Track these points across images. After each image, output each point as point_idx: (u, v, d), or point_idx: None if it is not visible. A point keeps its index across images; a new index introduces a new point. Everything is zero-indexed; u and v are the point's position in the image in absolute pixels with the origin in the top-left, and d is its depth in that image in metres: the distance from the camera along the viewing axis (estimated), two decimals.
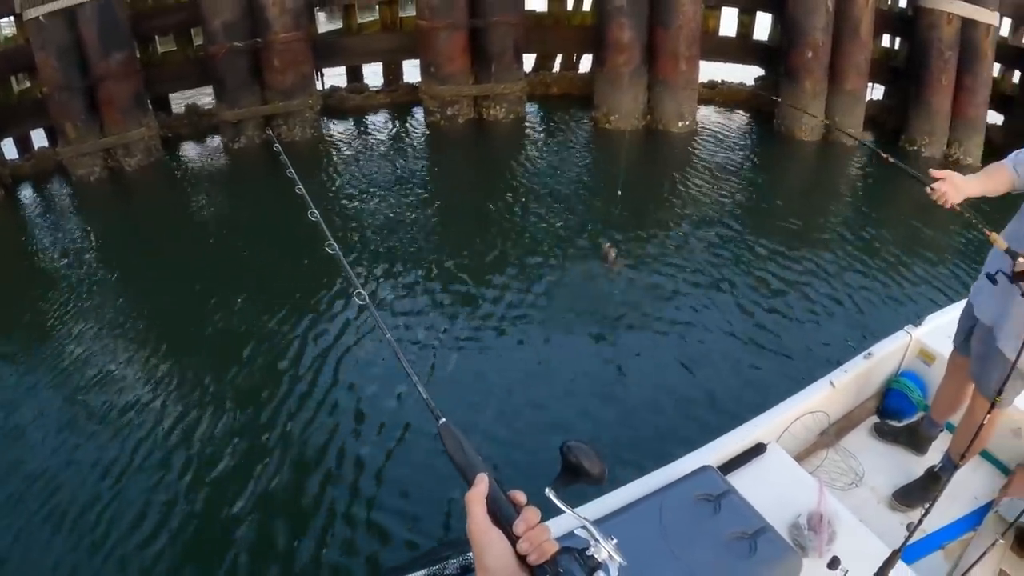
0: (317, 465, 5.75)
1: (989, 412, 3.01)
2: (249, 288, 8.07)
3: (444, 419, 1.66)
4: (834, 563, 3.28)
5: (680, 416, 6.26)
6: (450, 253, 8.78)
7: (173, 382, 6.77)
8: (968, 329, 4.42)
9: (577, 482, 1.64)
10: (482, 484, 1.52)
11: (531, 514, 1.49)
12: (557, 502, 1.61)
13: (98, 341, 7.49)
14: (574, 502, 1.57)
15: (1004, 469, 5.03)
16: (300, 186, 2.73)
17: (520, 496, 1.54)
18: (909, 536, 2.88)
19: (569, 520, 1.56)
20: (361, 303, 2.00)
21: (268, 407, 6.34)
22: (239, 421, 6.21)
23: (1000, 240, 3.76)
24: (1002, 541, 3.91)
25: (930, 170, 3.94)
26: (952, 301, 5.99)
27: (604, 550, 1.54)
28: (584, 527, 1.59)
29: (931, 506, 2.96)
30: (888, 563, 2.91)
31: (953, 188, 3.83)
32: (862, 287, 8.44)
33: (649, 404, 6.43)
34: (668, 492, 3.55)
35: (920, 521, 2.87)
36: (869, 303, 8.19)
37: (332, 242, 2.34)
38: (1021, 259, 3.75)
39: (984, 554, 3.03)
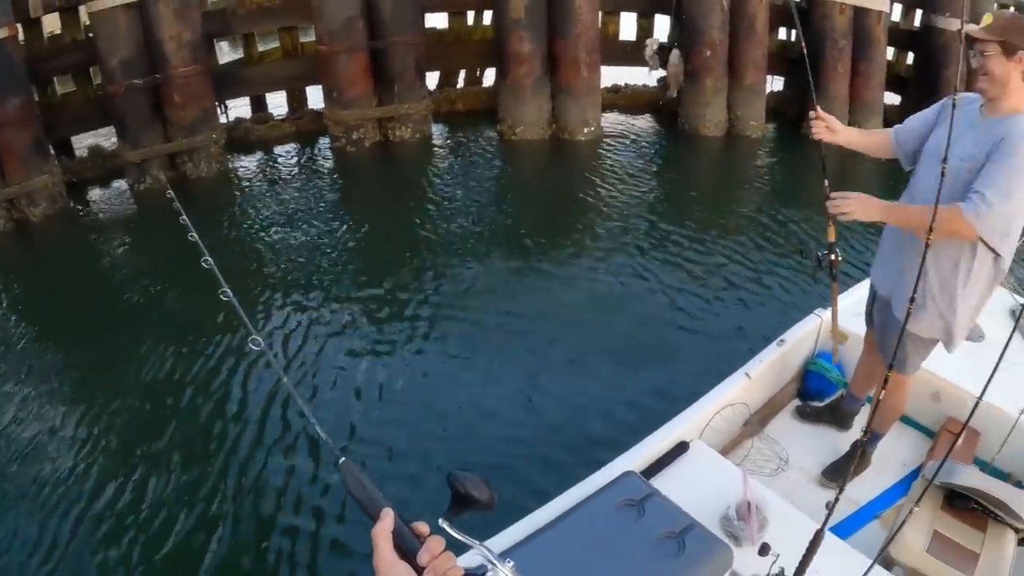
0: (217, 516, 5.58)
1: (885, 382, 3.05)
2: (152, 339, 7.80)
3: (344, 458, 1.68)
4: (764, 549, 3.31)
5: (603, 422, 6.28)
6: (355, 284, 8.67)
7: (75, 439, 6.53)
8: (871, 304, 4.64)
9: (468, 510, 1.68)
10: (387, 519, 1.55)
11: (435, 544, 1.53)
12: (450, 531, 1.65)
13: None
14: (486, 526, 1.59)
15: (929, 433, 5.17)
16: (193, 232, 2.68)
17: (423, 527, 1.58)
18: (830, 513, 2.91)
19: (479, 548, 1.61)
20: (257, 348, 2.02)
21: (164, 461, 6.12)
22: (132, 477, 5.98)
23: (832, 231, 4.37)
24: (932, 503, 3.98)
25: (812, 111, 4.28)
26: (858, 281, 6.09)
27: (502, 572, 1.64)
28: (479, 552, 1.66)
29: (845, 482, 2.99)
30: (815, 541, 2.94)
31: (828, 129, 4.23)
32: (772, 276, 8.58)
33: (569, 413, 6.44)
34: (592, 502, 3.56)
35: (838, 496, 2.90)
36: (781, 290, 8.32)
37: (226, 288, 2.31)
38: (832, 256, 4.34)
39: (908, 516, 3.07)
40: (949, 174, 3.42)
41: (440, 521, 1.65)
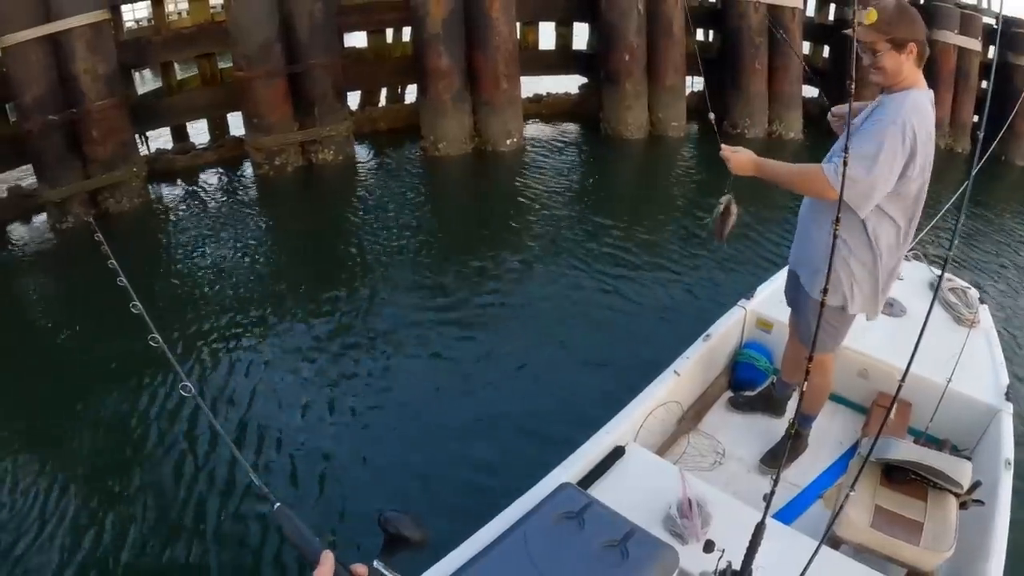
0: (149, 566, 5.36)
1: (809, 361, 3.08)
2: (79, 386, 7.49)
3: (279, 504, 1.69)
4: (709, 546, 3.29)
5: (535, 435, 6.18)
6: (285, 316, 8.46)
7: None
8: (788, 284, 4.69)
9: (401, 550, 1.69)
10: (326, 563, 1.55)
11: None
12: (386, 573, 1.66)
13: None
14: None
15: (861, 409, 5.23)
16: (122, 278, 2.65)
17: (361, 569, 1.60)
18: (769, 501, 2.90)
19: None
20: (188, 395, 2.03)
21: (93, 512, 5.84)
22: (63, 534, 5.68)
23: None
24: (871, 479, 4.00)
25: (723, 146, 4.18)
26: (778, 269, 6.15)
27: None
28: None
29: (780, 469, 2.99)
30: (757, 531, 2.93)
31: (736, 158, 4.12)
32: (698, 270, 8.66)
33: (501, 428, 6.38)
34: (529, 520, 3.48)
35: (775, 485, 2.89)
36: (707, 284, 8.38)
37: (156, 335, 2.29)
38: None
39: (848, 495, 3.07)
40: None
41: (375, 563, 1.65)
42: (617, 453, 4.20)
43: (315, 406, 6.91)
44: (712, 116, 4.88)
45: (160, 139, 13.55)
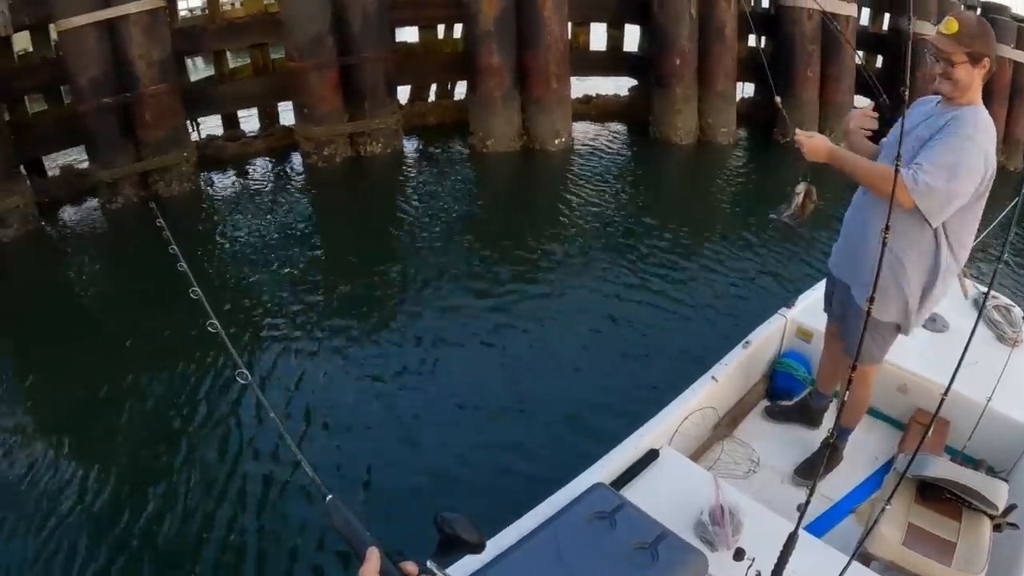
0: (197, 551, 5.37)
1: (853, 371, 3.06)
2: (129, 366, 7.61)
3: (331, 495, 1.66)
4: (739, 554, 3.29)
5: (573, 432, 6.21)
6: (335, 305, 8.51)
7: (49, 470, 6.31)
8: (831, 293, 4.65)
9: (456, 552, 1.66)
10: (373, 559, 1.53)
11: None
12: (439, 573, 1.63)
13: None
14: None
15: (898, 425, 5.18)
16: (183, 263, 2.65)
17: (411, 567, 1.57)
18: (803, 512, 2.90)
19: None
20: (244, 382, 2.00)
21: (145, 499, 5.85)
22: (112, 515, 5.73)
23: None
24: (906, 495, 3.98)
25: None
26: (821, 278, 6.10)
27: None
28: None
29: (816, 481, 2.99)
30: (789, 542, 2.93)
31: (811, 143, 4.07)
32: (741, 278, 8.61)
33: (541, 417, 6.42)
34: (562, 518, 3.50)
35: (810, 496, 2.89)
36: (749, 292, 8.34)
37: (214, 320, 2.30)
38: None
39: (882, 511, 3.07)
40: (903, 158, 3.47)
41: (428, 563, 1.63)
42: (651, 456, 4.20)
43: (363, 395, 6.99)
44: (778, 100, 5.18)
45: (211, 126, 13.71)
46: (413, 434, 6.43)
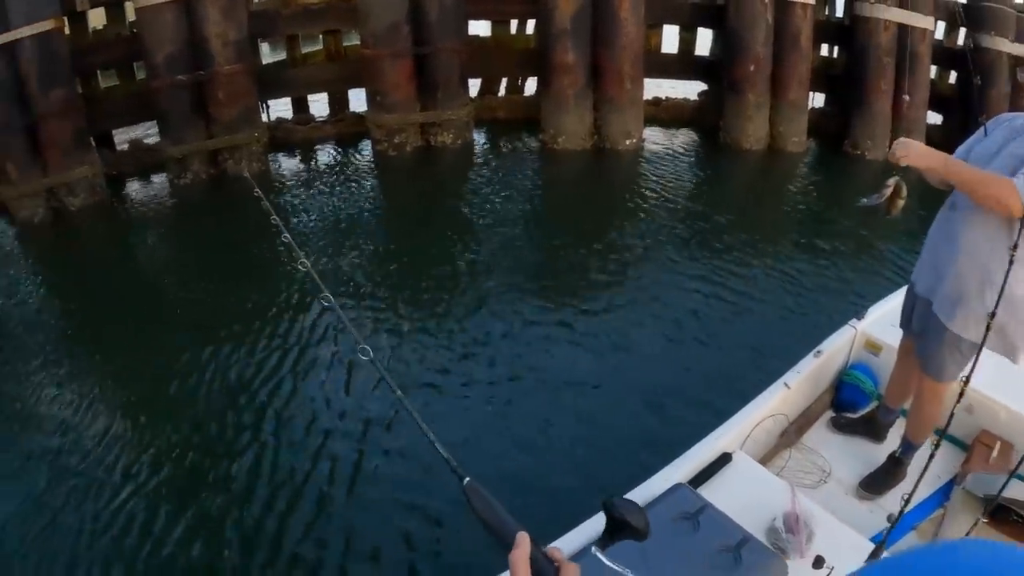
0: (329, 541, 5.34)
1: (922, 388, 3.01)
2: (214, 337, 7.73)
3: (468, 478, 1.61)
4: (819, 562, 3.27)
5: (645, 432, 6.20)
6: (421, 289, 8.59)
7: (139, 443, 6.39)
8: (910, 309, 4.51)
9: (621, 537, 1.63)
10: (524, 545, 1.47)
11: (571, 571, 1.47)
12: (607, 562, 1.62)
13: (45, 389, 7.21)
14: None
15: (962, 445, 5.10)
16: (287, 235, 2.69)
17: (557, 552, 1.51)
18: (892, 525, 2.88)
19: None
20: (366, 358, 1.95)
21: (264, 481, 5.86)
22: (228, 496, 5.75)
23: None
24: (970, 514, 3.94)
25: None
26: (891, 291, 6.02)
27: None
28: None
29: (908, 501, 2.96)
30: (875, 555, 2.90)
31: (917, 145, 3.91)
32: (809, 287, 8.53)
33: (613, 425, 6.37)
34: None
35: (902, 510, 2.86)
36: (816, 303, 8.26)
37: (327, 294, 2.28)
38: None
39: (946, 528, 3.03)
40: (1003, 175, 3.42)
41: (593, 549, 1.62)
42: (724, 459, 4.19)
43: (448, 377, 7.11)
44: (906, 98, 4.69)
45: (281, 109, 13.88)
46: (503, 420, 6.52)
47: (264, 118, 12.64)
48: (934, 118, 13.40)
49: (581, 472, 5.73)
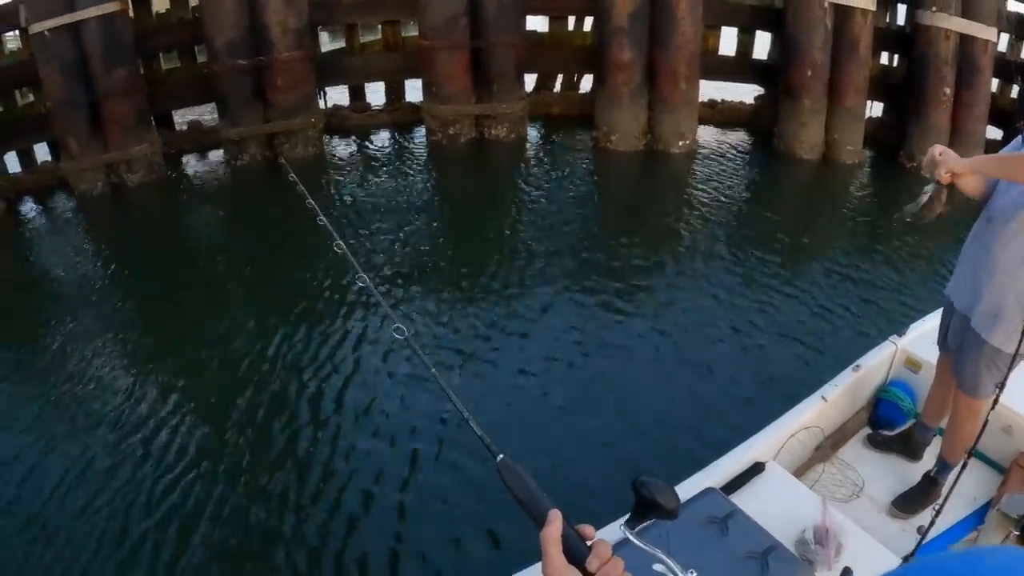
0: (363, 512, 5.44)
1: (963, 403, 3.01)
2: (262, 312, 7.96)
3: (502, 455, 1.59)
4: (846, 573, 3.28)
5: (679, 437, 6.21)
6: (468, 277, 8.67)
7: (188, 407, 6.62)
8: (947, 325, 4.48)
9: (651, 517, 1.64)
10: (556, 522, 1.46)
11: (603, 549, 1.47)
12: (635, 540, 1.64)
13: (97, 356, 7.46)
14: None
15: (998, 467, 5.04)
16: (322, 217, 2.73)
17: (589, 530, 1.52)
18: (922, 539, 2.88)
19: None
20: (400, 337, 1.95)
21: (299, 453, 5.99)
22: (265, 465, 5.89)
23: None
24: (1013, 535, 3.92)
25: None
26: (933, 310, 5.96)
27: None
28: (663, 565, 1.66)
29: (939, 511, 2.96)
30: None
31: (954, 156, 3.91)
32: (853, 301, 8.46)
33: (643, 426, 6.39)
34: None
35: (932, 524, 2.87)
36: (859, 316, 8.20)
37: (361, 273, 2.32)
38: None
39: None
40: None
41: (621, 527, 1.63)
42: (757, 468, 4.19)
43: (484, 359, 7.20)
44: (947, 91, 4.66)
45: (337, 96, 14.03)
46: (541, 410, 6.56)
47: (321, 104, 12.80)
48: (993, 133, 13.16)
49: (613, 466, 5.76)
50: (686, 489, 3.84)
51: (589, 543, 1.48)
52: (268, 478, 5.76)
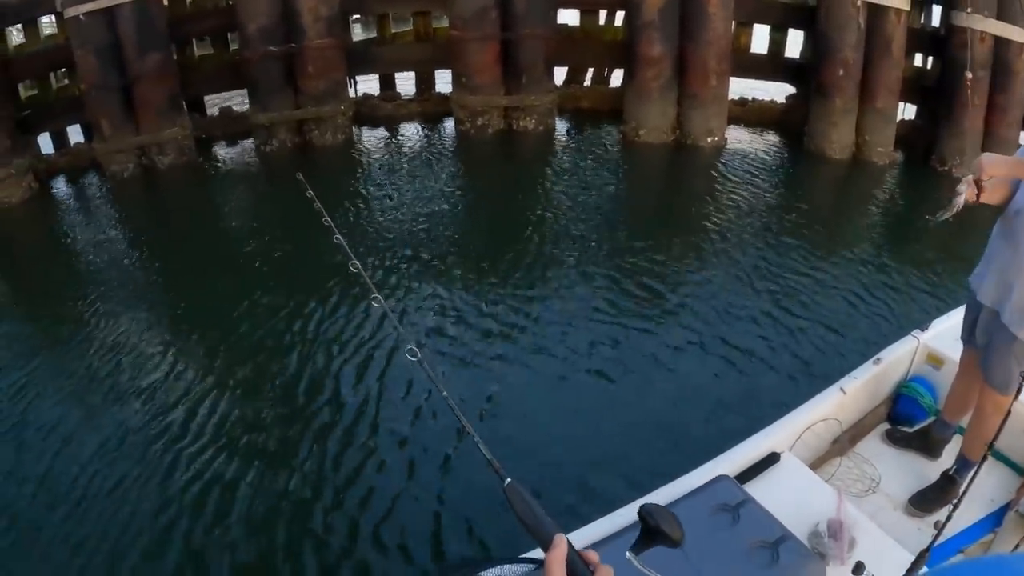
0: (365, 533, 5.27)
1: (988, 399, 2.98)
2: (286, 295, 8.06)
3: (510, 479, 1.61)
4: (859, 568, 3.25)
5: (697, 424, 6.20)
6: (488, 279, 8.56)
7: (206, 385, 6.71)
8: (973, 321, 4.41)
9: (655, 545, 1.67)
10: (561, 546, 1.48)
11: (606, 574, 1.49)
12: (640, 567, 1.68)
13: (125, 331, 7.60)
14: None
15: (1019, 469, 4.97)
16: (338, 236, 2.74)
17: (593, 556, 1.53)
18: (937, 536, 2.86)
19: None
20: (412, 359, 1.94)
21: (304, 468, 5.82)
22: (269, 474, 5.75)
23: None
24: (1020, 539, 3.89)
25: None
26: (957, 305, 5.86)
27: None
28: None
29: (957, 506, 2.93)
30: (915, 565, 2.89)
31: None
32: (876, 300, 8.39)
33: (664, 414, 6.38)
34: (685, 503, 3.50)
35: (947, 521, 2.84)
36: (884, 314, 8.14)
37: (377, 295, 2.31)
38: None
39: (991, 551, 3.01)
40: None
41: (627, 555, 1.66)
42: (772, 459, 4.15)
43: (508, 369, 7.03)
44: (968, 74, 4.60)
45: (367, 85, 14.13)
46: (558, 404, 6.54)
47: (351, 93, 12.88)
48: None
49: (622, 464, 5.72)
50: (699, 476, 3.82)
51: (592, 568, 1.50)
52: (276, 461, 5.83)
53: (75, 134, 12.43)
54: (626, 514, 3.50)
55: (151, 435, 6.07)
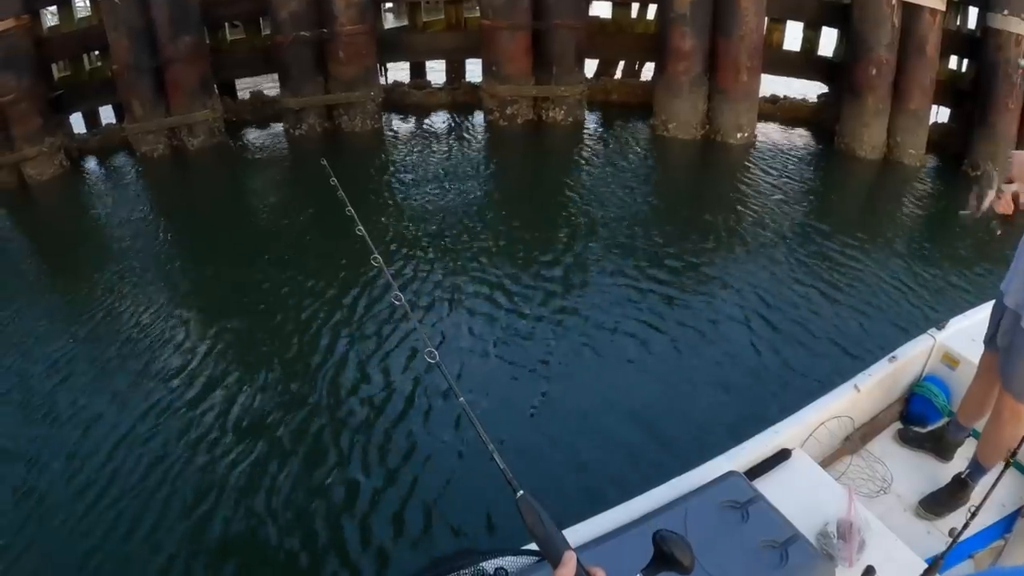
0: (375, 535, 5.27)
1: (1006, 405, 2.94)
2: (311, 279, 8.21)
3: (522, 491, 1.61)
4: (869, 572, 3.23)
5: (709, 418, 6.20)
6: (512, 276, 8.49)
7: (223, 360, 6.87)
8: (997, 323, 4.31)
9: (665, 569, 1.67)
10: (570, 564, 1.49)
11: None
12: None
13: (152, 310, 7.76)
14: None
15: None
16: (360, 227, 2.79)
17: (600, 572, 1.53)
18: (952, 543, 2.83)
19: None
20: (431, 361, 1.93)
21: (323, 475, 5.78)
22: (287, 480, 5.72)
23: None
24: None
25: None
26: (977, 304, 5.68)
27: None
28: None
29: (975, 515, 2.90)
30: (928, 573, 2.87)
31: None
32: (896, 301, 8.34)
33: (680, 403, 6.42)
34: (693, 498, 3.47)
35: (963, 529, 2.82)
36: (905, 313, 8.09)
37: (398, 293, 2.30)
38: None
39: (1001, 557, 2.98)
40: None
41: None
42: (783, 455, 4.11)
43: (530, 367, 7.04)
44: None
45: (397, 72, 14.26)
46: (576, 397, 6.56)
47: (382, 80, 12.94)
48: None
49: (631, 455, 5.77)
50: (708, 471, 3.79)
51: None
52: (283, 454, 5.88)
53: (107, 115, 12.58)
54: (626, 511, 3.49)
55: (173, 415, 6.18)
